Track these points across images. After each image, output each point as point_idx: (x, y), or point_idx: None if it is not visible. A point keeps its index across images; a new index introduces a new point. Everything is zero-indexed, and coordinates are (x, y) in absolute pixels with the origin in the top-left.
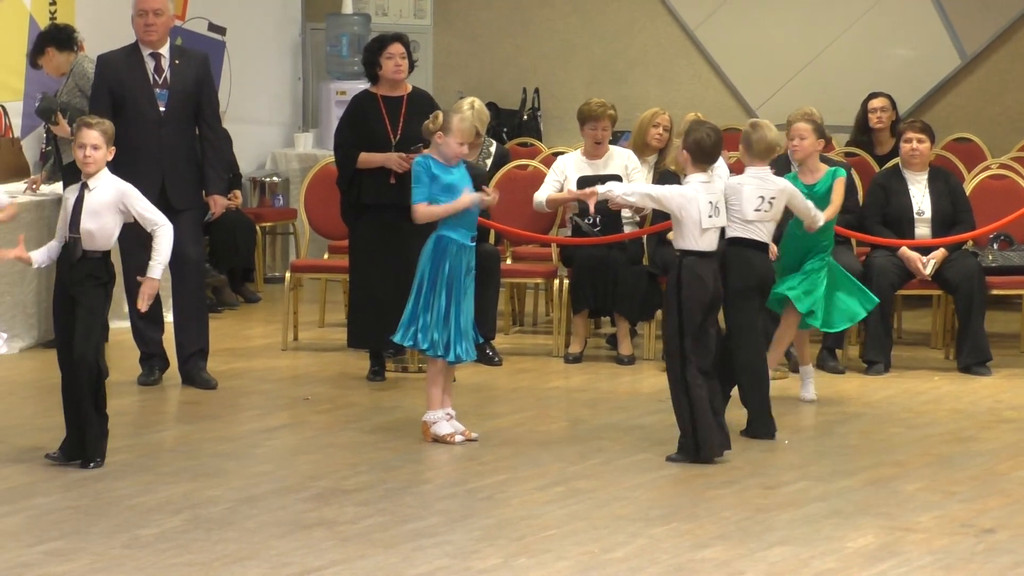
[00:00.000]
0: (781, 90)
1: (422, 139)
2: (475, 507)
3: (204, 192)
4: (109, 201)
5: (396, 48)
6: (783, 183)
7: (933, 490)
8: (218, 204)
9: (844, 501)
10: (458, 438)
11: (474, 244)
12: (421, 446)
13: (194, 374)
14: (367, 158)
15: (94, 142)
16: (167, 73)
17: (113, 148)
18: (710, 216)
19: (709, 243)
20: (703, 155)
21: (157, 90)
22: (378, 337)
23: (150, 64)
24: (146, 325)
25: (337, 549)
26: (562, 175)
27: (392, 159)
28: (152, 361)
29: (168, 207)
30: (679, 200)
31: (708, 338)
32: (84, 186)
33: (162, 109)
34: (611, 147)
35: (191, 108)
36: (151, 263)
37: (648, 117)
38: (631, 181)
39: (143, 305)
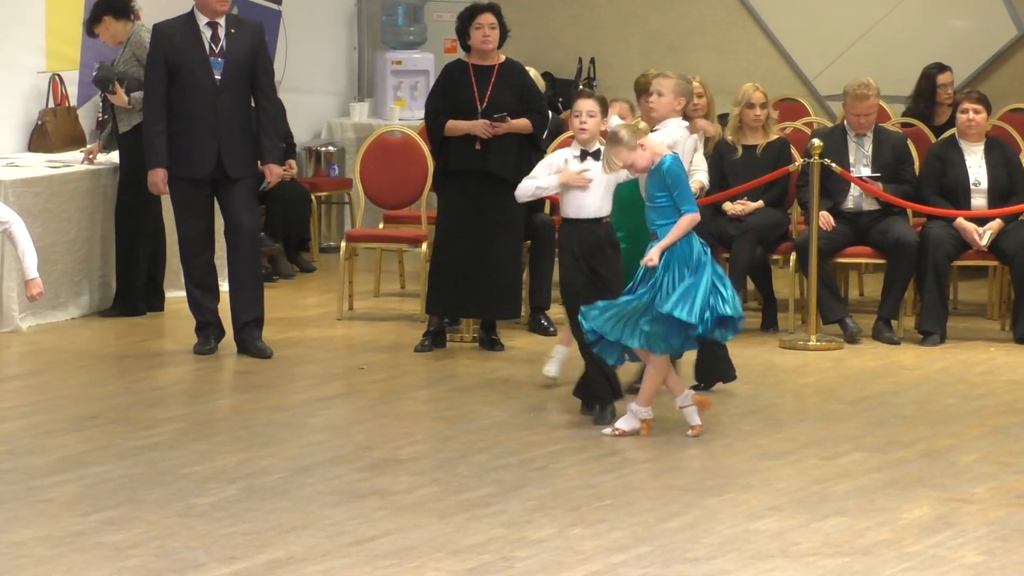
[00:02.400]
0: (837, 60)
1: (510, 109)
2: (529, 477)
3: (259, 161)
4: None
5: (486, 18)
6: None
7: (989, 461)
8: (273, 173)
9: (899, 472)
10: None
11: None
12: (475, 415)
13: (249, 343)
14: (454, 125)
15: None
16: (223, 42)
17: None
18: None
19: None
20: None
21: (213, 59)
22: (456, 305)
23: (207, 33)
24: (202, 294)
25: (391, 519)
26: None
27: (478, 126)
28: (208, 330)
29: (224, 175)
30: None
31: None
32: None
33: (218, 78)
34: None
35: (246, 77)
36: (23, 263)
37: None
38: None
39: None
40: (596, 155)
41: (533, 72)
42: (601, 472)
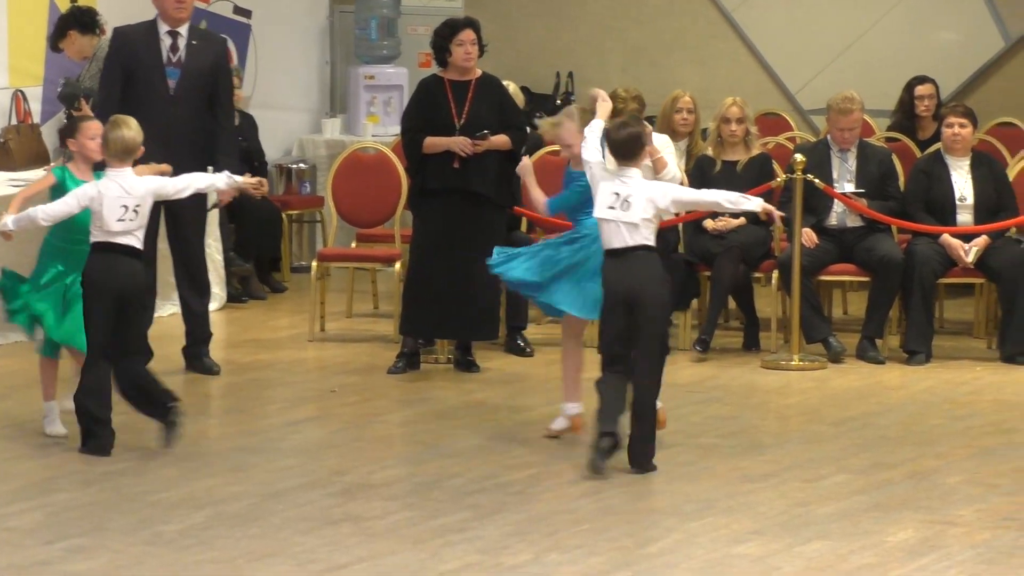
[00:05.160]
0: (821, 73)
1: (488, 124)
2: (506, 502)
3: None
4: None
5: (467, 35)
6: None
7: (975, 483)
8: (225, 195)
9: (884, 494)
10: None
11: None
12: (451, 439)
13: (196, 360)
14: (432, 142)
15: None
16: (182, 52)
17: None
18: (610, 207)
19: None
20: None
21: (169, 68)
22: (431, 326)
23: (166, 42)
24: None
25: (364, 545)
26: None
27: (457, 143)
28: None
29: None
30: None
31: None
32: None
33: (172, 88)
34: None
35: (204, 91)
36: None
37: (669, 103)
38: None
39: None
40: None
41: (512, 87)
42: (579, 496)
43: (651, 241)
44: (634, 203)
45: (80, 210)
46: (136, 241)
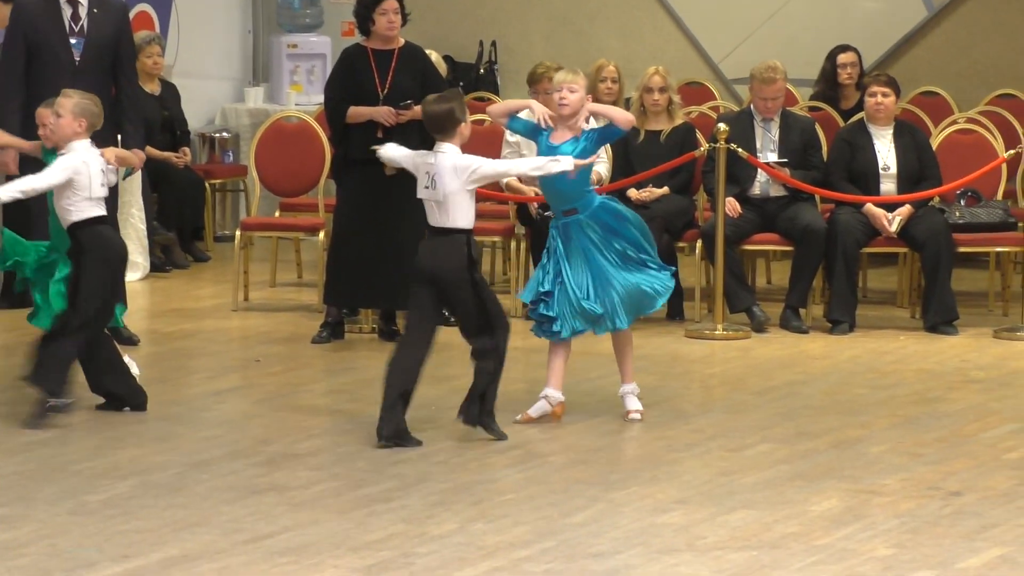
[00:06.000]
0: (744, 43)
1: (412, 94)
2: (431, 471)
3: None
4: None
5: (391, 4)
6: None
7: (899, 452)
8: (137, 160)
9: (808, 464)
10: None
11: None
12: (375, 408)
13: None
14: (356, 111)
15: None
16: (84, 21)
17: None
18: (425, 187)
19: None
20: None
21: (73, 39)
22: (355, 295)
23: (67, 11)
24: None
25: (289, 515)
26: (516, 144)
27: (381, 112)
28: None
29: None
30: None
31: None
32: None
33: (77, 58)
34: None
35: (108, 59)
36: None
37: (594, 72)
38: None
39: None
40: None
41: (435, 56)
42: (504, 466)
43: (459, 222)
44: (439, 181)
45: (63, 179)
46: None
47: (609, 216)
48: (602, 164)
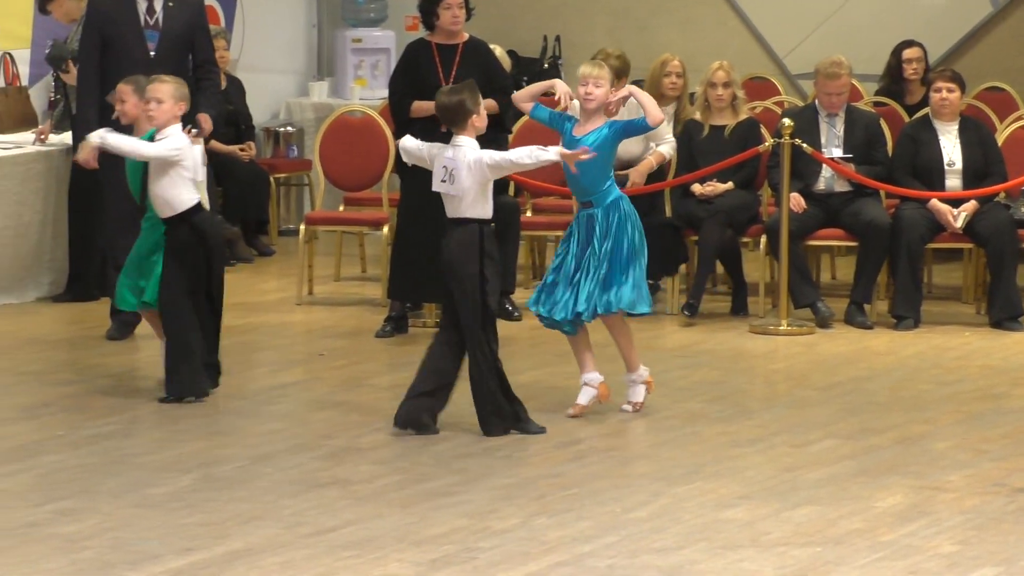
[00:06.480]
0: (809, 37)
1: None
2: (494, 466)
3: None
4: None
5: None
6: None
7: (963, 448)
8: (206, 121)
9: (872, 460)
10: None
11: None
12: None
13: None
14: (420, 106)
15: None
16: (159, 15)
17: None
18: (442, 180)
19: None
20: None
21: (147, 31)
22: (419, 290)
23: (142, 5)
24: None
25: (351, 509)
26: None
27: None
28: (122, 315)
29: None
30: None
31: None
32: None
33: (152, 51)
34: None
35: (182, 52)
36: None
37: (658, 66)
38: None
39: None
40: None
41: (498, 50)
42: (567, 460)
43: (476, 213)
44: (457, 176)
45: (174, 156)
46: None
47: (614, 216)
48: (667, 144)
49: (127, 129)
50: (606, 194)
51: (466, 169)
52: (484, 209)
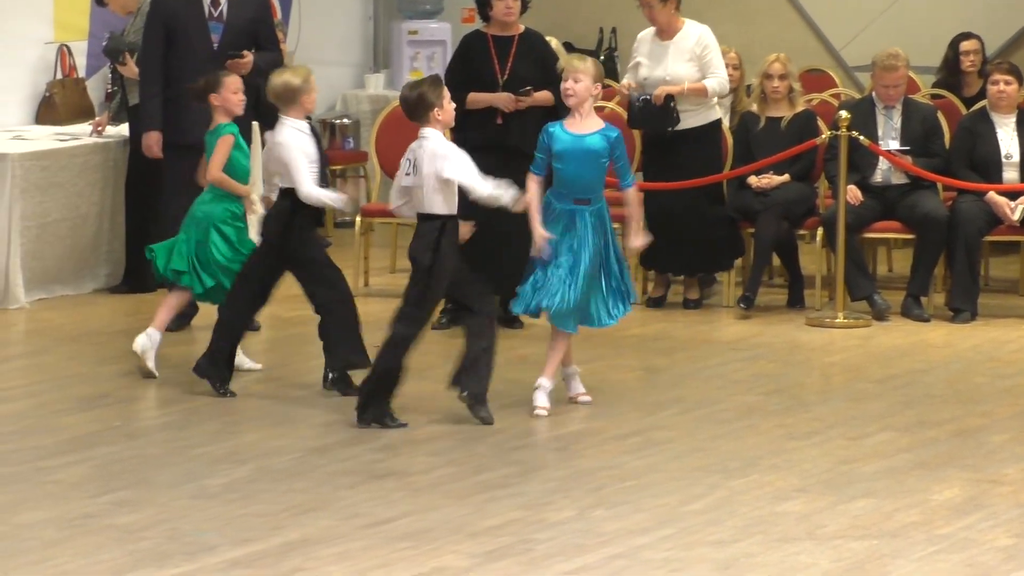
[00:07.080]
0: (866, 29)
1: (531, 81)
2: (549, 458)
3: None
4: None
5: None
6: None
7: (1020, 441)
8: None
9: (929, 452)
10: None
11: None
12: (494, 394)
13: None
14: (475, 98)
15: None
16: (223, 7)
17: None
18: (406, 174)
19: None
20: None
21: (211, 23)
22: None
23: None
24: None
25: (408, 500)
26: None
27: (501, 98)
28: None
29: None
30: None
31: None
32: None
33: (216, 43)
34: (686, 22)
35: (246, 45)
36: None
37: None
38: (702, 63)
39: None
40: None
41: (554, 42)
42: (622, 453)
43: (438, 208)
44: (419, 167)
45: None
46: None
47: (605, 220)
48: (714, 79)
49: (185, 111)
50: (600, 196)
51: (428, 159)
52: (449, 204)
